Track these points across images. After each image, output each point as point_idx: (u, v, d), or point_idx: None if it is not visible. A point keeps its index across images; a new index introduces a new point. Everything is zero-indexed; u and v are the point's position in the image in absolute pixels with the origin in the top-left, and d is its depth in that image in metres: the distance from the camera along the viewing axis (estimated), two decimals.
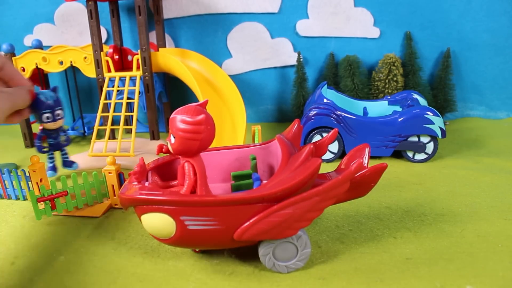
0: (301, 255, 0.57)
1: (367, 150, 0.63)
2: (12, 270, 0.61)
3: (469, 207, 0.77)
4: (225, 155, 0.70)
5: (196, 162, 0.56)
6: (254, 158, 0.67)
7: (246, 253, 0.62)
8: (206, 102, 0.58)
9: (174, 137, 0.54)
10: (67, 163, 0.83)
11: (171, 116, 0.55)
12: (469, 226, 0.69)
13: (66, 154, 0.82)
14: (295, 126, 0.68)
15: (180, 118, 0.53)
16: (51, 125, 0.71)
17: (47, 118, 0.70)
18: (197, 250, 0.64)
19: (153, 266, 0.61)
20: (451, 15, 1.39)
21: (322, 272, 0.57)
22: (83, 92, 1.58)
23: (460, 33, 1.41)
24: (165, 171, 0.67)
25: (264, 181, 0.62)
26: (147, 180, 0.63)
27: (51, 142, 0.77)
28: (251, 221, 0.53)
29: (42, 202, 0.73)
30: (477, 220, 0.71)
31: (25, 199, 0.86)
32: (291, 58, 1.48)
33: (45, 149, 0.76)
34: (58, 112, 0.72)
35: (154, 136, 1.30)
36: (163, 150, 0.60)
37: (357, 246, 0.64)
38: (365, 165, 0.61)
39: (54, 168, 0.80)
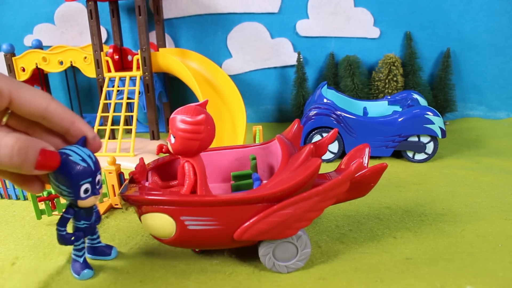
0: (301, 255, 0.57)
1: (367, 150, 0.63)
2: (12, 270, 0.60)
3: (469, 207, 0.77)
4: (225, 155, 0.70)
5: (196, 162, 0.56)
6: (254, 158, 0.67)
7: (246, 253, 0.62)
8: (206, 102, 0.58)
9: (174, 137, 0.54)
10: (102, 251, 0.62)
11: (171, 116, 0.55)
12: (469, 226, 0.69)
13: (98, 237, 0.62)
14: (295, 126, 0.68)
15: (180, 118, 0.53)
16: (90, 201, 0.50)
17: (86, 191, 0.48)
18: (197, 250, 0.64)
19: (153, 266, 0.61)
20: (451, 15, 1.39)
21: (322, 272, 0.57)
22: (83, 92, 1.58)
23: (460, 33, 1.41)
24: (165, 171, 0.67)
25: (264, 181, 0.62)
26: (147, 180, 0.63)
27: (84, 225, 0.55)
28: (251, 221, 0.53)
29: (42, 202, 0.73)
30: (477, 220, 0.71)
31: (25, 199, 0.86)
32: (291, 58, 1.48)
33: (73, 238, 0.55)
34: (99, 178, 0.50)
35: (154, 136, 1.30)
36: (163, 150, 0.60)
37: (357, 246, 0.64)
38: (365, 165, 0.61)
39: (88, 264, 0.58)
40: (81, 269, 0.57)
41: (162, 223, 0.53)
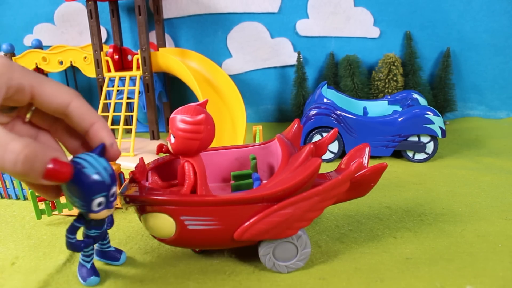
0: (301, 255, 0.57)
1: (367, 150, 0.63)
2: (12, 270, 0.60)
3: (469, 207, 0.77)
4: (225, 155, 0.70)
5: (196, 162, 0.56)
6: (254, 158, 0.67)
7: (246, 253, 0.62)
8: (206, 102, 0.58)
9: (174, 137, 0.54)
10: (112, 255, 0.60)
11: (171, 115, 0.55)
12: (469, 226, 0.69)
13: (108, 242, 0.60)
14: (295, 126, 0.68)
15: (180, 118, 0.53)
16: (103, 214, 0.47)
17: (99, 205, 0.46)
18: (197, 250, 0.63)
19: (153, 266, 0.61)
20: (451, 15, 1.39)
21: (322, 272, 0.57)
22: (83, 92, 1.58)
23: (460, 33, 1.41)
24: (165, 171, 0.67)
25: (264, 181, 0.62)
26: (147, 180, 0.63)
27: (94, 234, 0.53)
28: (251, 221, 0.53)
29: (42, 202, 0.73)
30: (477, 220, 0.71)
31: (25, 199, 0.86)
32: (291, 58, 1.48)
33: (82, 245, 0.53)
34: (114, 190, 0.47)
35: (154, 136, 1.30)
36: (163, 149, 0.60)
37: (357, 246, 0.64)
38: (365, 165, 0.61)
39: (95, 271, 0.56)
40: (87, 275, 0.55)
41: (162, 223, 0.53)
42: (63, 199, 0.77)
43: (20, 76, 0.40)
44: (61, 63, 1.26)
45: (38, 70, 1.28)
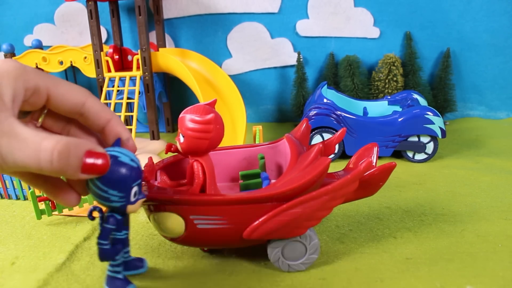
0: (307, 259, 0.57)
1: (375, 150, 0.62)
2: (12, 270, 0.60)
3: (469, 207, 0.77)
4: (233, 155, 0.70)
5: (205, 162, 0.56)
6: (263, 157, 0.67)
7: (246, 253, 0.62)
8: (214, 102, 0.58)
9: (183, 136, 0.54)
10: (134, 264, 0.57)
11: (180, 115, 0.55)
12: (469, 226, 0.69)
13: (128, 250, 0.56)
14: (304, 125, 0.68)
15: (189, 118, 0.53)
16: (138, 205, 0.46)
17: (135, 194, 0.45)
18: (205, 249, 0.63)
19: (153, 266, 0.61)
20: (451, 15, 1.39)
21: (322, 272, 0.57)
22: None
23: (460, 33, 1.41)
24: (173, 170, 0.67)
25: (273, 180, 0.62)
26: (156, 179, 0.63)
27: (124, 235, 0.50)
28: (260, 220, 0.52)
29: (42, 202, 0.73)
30: (477, 220, 0.71)
31: (25, 199, 0.86)
32: (291, 58, 1.48)
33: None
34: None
35: (154, 136, 1.30)
36: (172, 149, 0.60)
37: (357, 246, 0.64)
38: (374, 164, 0.61)
39: (128, 280, 0.52)
40: (124, 286, 0.51)
41: (172, 222, 0.53)
42: None
43: (35, 77, 0.40)
44: (61, 63, 1.26)
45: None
